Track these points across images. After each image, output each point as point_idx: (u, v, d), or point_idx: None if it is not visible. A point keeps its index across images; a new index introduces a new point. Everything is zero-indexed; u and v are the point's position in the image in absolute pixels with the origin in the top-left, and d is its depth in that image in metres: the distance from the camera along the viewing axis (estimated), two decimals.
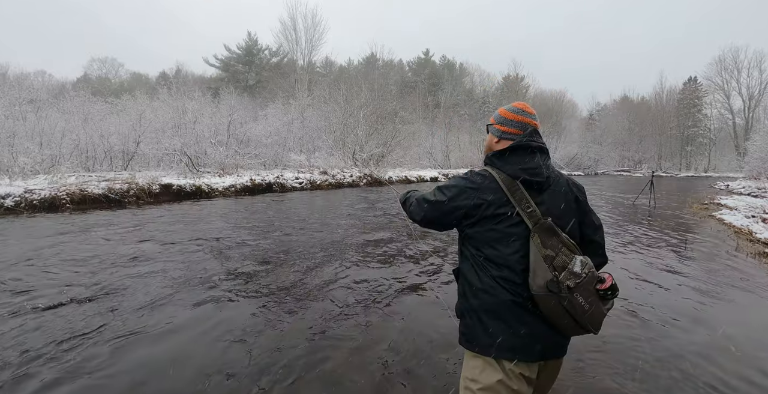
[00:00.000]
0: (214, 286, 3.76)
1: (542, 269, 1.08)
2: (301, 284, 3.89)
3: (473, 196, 1.18)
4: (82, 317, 2.99)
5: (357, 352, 2.56)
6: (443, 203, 1.23)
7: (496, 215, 1.16)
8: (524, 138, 1.25)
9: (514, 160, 1.22)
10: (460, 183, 1.23)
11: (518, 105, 1.32)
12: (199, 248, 5.22)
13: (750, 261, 5.23)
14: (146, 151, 16.56)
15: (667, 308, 3.47)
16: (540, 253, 1.10)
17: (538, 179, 1.20)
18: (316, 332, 2.82)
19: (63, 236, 5.87)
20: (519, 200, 1.15)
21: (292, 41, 44.40)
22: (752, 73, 44.34)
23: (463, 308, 1.26)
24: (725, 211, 9.69)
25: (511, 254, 1.14)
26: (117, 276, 3.99)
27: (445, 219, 1.26)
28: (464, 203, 1.19)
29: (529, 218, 1.14)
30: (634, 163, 48.96)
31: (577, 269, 1.09)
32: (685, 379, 2.34)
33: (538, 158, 1.23)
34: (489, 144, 1.36)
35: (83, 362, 2.35)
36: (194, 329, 2.85)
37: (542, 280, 1.08)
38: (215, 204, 10.31)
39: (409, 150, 26.74)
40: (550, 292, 1.07)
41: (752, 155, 22.58)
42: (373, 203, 11.19)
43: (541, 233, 1.12)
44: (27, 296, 3.38)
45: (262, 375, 2.26)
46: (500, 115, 1.33)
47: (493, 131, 1.34)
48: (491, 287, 1.16)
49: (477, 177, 1.22)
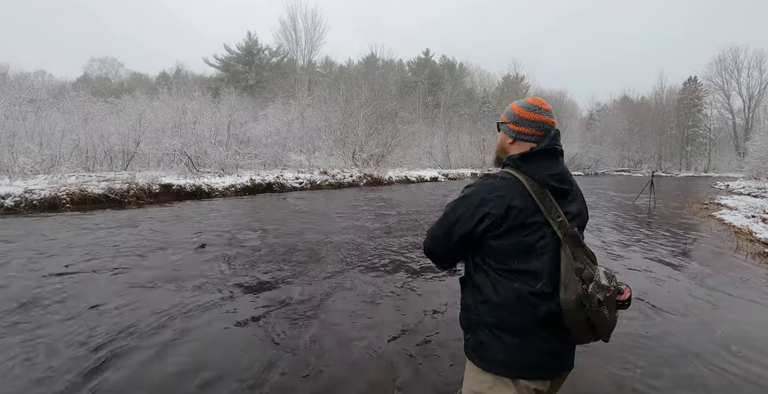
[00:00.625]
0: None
1: (573, 282, 1.02)
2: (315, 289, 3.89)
3: (501, 202, 1.05)
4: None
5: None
6: (465, 215, 1.09)
7: (526, 225, 1.05)
8: (550, 141, 1.14)
9: (542, 164, 1.11)
10: (483, 188, 1.10)
11: (533, 101, 1.19)
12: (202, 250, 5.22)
13: (750, 261, 5.23)
14: (146, 151, 16.56)
15: (667, 308, 3.47)
16: (572, 266, 1.04)
17: (565, 187, 1.11)
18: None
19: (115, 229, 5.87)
20: (549, 208, 1.07)
21: (292, 41, 44.45)
22: (752, 73, 44.43)
23: (473, 321, 1.14)
24: (725, 211, 9.69)
25: (540, 267, 1.06)
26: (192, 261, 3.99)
27: (470, 235, 1.09)
28: (491, 210, 1.06)
29: (559, 227, 1.06)
30: (634, 163, 48.97)
31: (604, 281, 1.04)
32: (684, 379, 2.34)
33: (562, 163, 1.15)
34: (502, 145, 1.24)
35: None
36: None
37: (574, 294, 1.01)
38: (214, 203, 10.31)
39: (409, 150, 26.74)
40: (582, 306, 1.01)
41: (752, 155, 22.59)
42: (372, 201, 11.19)
43: (571, 244, 1.06)
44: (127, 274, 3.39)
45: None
46: (514, 113, 1.19)
47: (507, 131, 1.21)
48: (512, 302, 1.06)
49: (501, 181, 1.10)
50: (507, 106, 1.24)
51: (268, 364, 2.39)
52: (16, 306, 3.17)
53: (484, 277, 1.12)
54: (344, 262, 4.73)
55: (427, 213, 9.14)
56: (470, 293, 1.17)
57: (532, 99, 1.20)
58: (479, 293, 1.13)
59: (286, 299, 3.46)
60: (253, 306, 3.29)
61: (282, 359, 2.45)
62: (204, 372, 2.28)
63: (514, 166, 1.12)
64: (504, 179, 1.10)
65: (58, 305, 3.22)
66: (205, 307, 3.25)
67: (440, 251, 1.18)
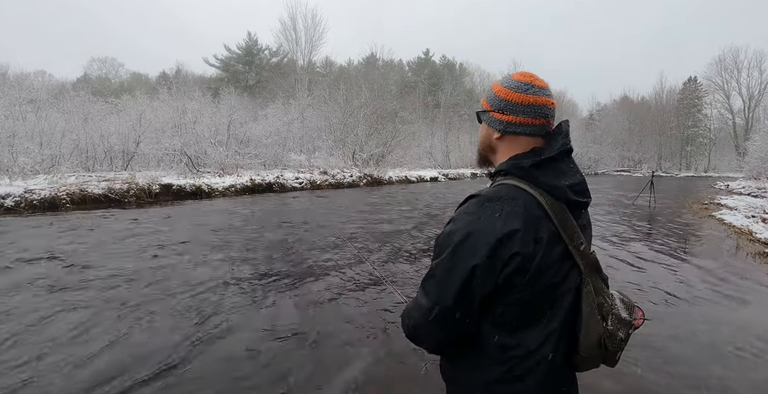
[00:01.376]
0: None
1: (595, 322, 0.78)
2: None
3: (526, 238, 0.72)
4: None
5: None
6: (481, 265, 0.71)
7: (545, 259, 0.76)
8: (566, 139, 0.83)
9: (559, 172, 0.80)
10: (494, 219, 0.72)
11: (522, 77, 0.84)
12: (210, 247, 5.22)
13: (750, 261, 5.23)
14: (146, 151, 16.57)
15: (667, 308, 3.47)
16: (594, 302, 0.79)
17: (585, 200, 0.82)
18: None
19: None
20: (571, 233, 0.77)
21: (292, 41, 44.39)
22: (752, 73, 44.38)
23: (460, 377, 0.84)
24: (725, 211, 9.69)
25: (558, 309, 0.78)
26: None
27: (482, 292, 0.73)
28: (517, 250, 0.71)
29: (581, 258, 0.79)
30: (634, 163, 48.95)
31: (624, 314, 0.81)
32: (684, 379, 2.34)
33: (577, 166, 0.84)
34: (487, 141, 0.89)
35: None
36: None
37: (596, 336, 0.78)
38: (214, 204, 10.31)
39: (409, 150, 26.76)
40: (605, 350, 0.79)
41: (752, 155, 22.57)
42: (373, 204, 11.19)
43: (592, 276, 0.81)
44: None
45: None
46: (499, 96, 0.84)
47: (491, 122, 0.86)
48: (513, 352, 0.77)
49: (512, 204, 0.74)
50: (488, 88, 0.90)
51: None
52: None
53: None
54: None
55: (421, 217, 9.11)
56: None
57: (520, 75, 0.85)
58: (468, 341, 0.82)
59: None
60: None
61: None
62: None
63: (525, 177, 0.79)
64: (514, 199, 0.75)
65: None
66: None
67: (449, 333, 0.78)
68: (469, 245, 0.72)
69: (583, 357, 0.80)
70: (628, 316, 0.81)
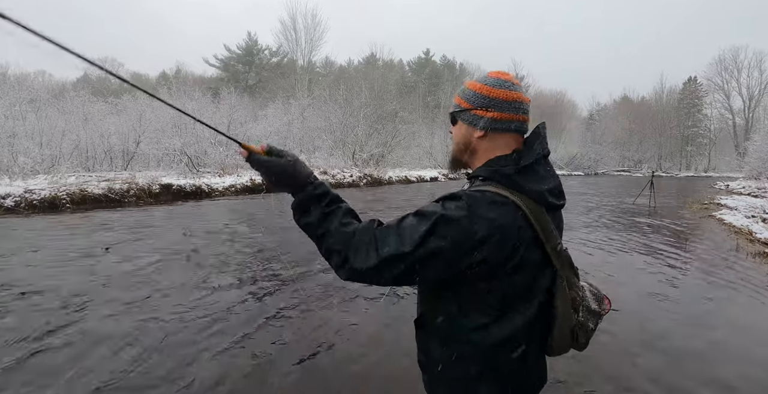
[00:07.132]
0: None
1: (569, 314, 0.84)
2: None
3: (508, 243, 0.73)
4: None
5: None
6: (451, 250, 0.72)
7: (523, 263, 0.78)
8: (545, 142, 0.86)
9: (539, 176, 0.82)
10: (472, 223, 0.72)
11: (500, 75, 0.85)
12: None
13: (750, 261, 5.23)
14: (146, 151, 16.57)
15: (666, 308, 3.48)
16: (568, 297, 0.84)
17: (561, 202, 0.87)
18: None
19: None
20: (548, 235, 0.80)
21: (292, 41, 44.43)
22: (752, 74, 44.47)
23: (435, 367, 0.88)
24: (725, 211, 9.69)
25: (534, 303, 0.82)
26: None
27: (436, 273, 0.75)
28: (489, 256, 0.73)
29: (557, 257, 0.83)
30: (634, 163, 48.95)
31: (594, 306, 0.87)
32: (684, 378, 2.34)
33: (554, 170, 0.88)
34: (466, 142, 0.88)
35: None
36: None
37: (568, 328, 0.84)
38: (216, 204, 10.30)
39: (409, 150, 26.77)
40: (576, 340, 0.87)
41: (752, 155, 22.57)
42: (372, 203, 11.19)
43: (567, 272, 0.85)
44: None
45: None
46: (480, 93, 0.84)
47: (472, 121, 0.85)
48: (490, 341, 0.80)
49: (496, 210, 0.74)
50: (460, 88, 0.90)
51: None
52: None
53: (457, 309, 0.85)
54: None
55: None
56: (439, 336, 0.88)
57: (497, 73, 0.86)
58: (452, 335, 0.86)
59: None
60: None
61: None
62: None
63: (508, 184, 0.79)
64: (497, 203, 0.75)
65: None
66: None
67: (374, 275, 0.75)
68: (441, 232, 0.71)
69: (554, 346, 0.86)
70: (598, 307, 0.88)
